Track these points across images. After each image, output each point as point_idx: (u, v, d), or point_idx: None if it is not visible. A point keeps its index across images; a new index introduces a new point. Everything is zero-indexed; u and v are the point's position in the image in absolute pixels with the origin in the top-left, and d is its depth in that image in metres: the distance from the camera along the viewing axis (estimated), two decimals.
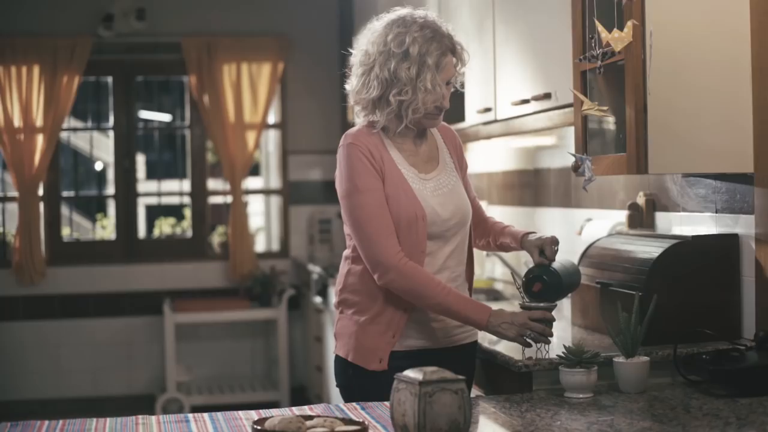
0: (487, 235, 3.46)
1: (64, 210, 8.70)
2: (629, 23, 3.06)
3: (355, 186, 3.13)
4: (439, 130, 3.35)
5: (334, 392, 5.48)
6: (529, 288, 3.19)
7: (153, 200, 9.69)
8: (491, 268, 5.53)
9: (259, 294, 7.99)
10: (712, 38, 3.17)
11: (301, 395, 8.09)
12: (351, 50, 3.27)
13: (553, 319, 3.11)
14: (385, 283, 3.10)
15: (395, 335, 3.16)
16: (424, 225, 3.13)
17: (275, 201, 8.71)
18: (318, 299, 7.16)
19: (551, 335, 3.10)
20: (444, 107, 3.18)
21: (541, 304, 3.13)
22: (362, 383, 3.18)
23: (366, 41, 3.20)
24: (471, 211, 3.28)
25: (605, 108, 3.22)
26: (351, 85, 3.23)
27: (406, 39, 3.10)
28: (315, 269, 7.39)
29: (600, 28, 3.10)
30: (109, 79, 8.34)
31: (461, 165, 3.36)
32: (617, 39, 3.06)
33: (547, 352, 3.13)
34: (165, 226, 8.93)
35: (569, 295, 3.70)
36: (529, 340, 3.09)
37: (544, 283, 3.17)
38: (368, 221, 3.10)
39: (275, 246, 8.71)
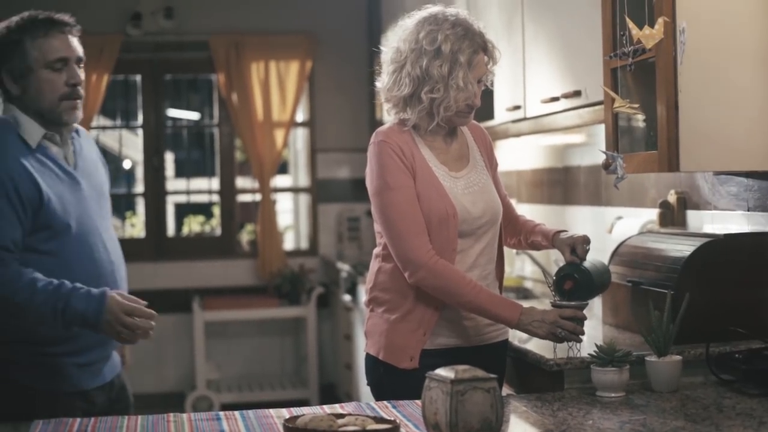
0: (517, 234, 3.44)
1: None
2: (660, 20, 3.04)
3: (386, 183, 3.12)
4: (469, 128, 3.35)
5: (364, 390, 5.47)
6: (560, 285, 3.17)
7: (182, 198, 9.70)
8: (521, 266, 5.52)
9: (288, 292, 8.00)
10: (743, 35, 3.14)
11: (330, 393, 8.09)
12: (381, 48, 3.27)
13: (585, 318, 3.09)
14: (416, 281, 3.09)
15: (426, 333, 3.16)
16: (455, 223, 3.12)
17: (304, 199, 8.72)
18: (347, 297, 7.16)
19: (582, 333, 3.08)
20: (475, 105, 3.17)
21: (573, 303, 3.11)
22: (393, 381, 3.17)
23: (397, 38, 3.19)
24: (501, 210, 3.27)
25: (636, 105, 3.21)
26: (382, 82, 3.23)
27: (438, 36, 3.09)
28: (344, 267, 7.39)
29: (631, 25, 3.09)
30: (138, 78, 8.37)
31: (491, 163, 3.35)
32: (648, 36, 3.04)
33: (579, 350, 3.12)
34: (194, 224, 8.96)
35: (600, 295, 3.68)
36: (560, 337, 3.07)
37: (576, 281, 3.15)
38: (399, 219, 3.10)
39: (304, 244, 8.72)
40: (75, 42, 3.27)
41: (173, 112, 9.14)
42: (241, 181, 8.71)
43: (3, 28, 3.23)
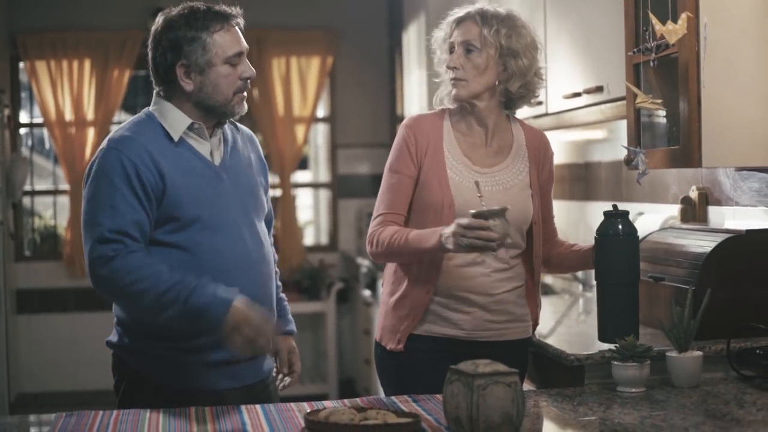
0: (554, 252, 3.40)
1: None
2: (683, 15, 3.03)
3: (389, 164, 3.27)
4: (530, 132, 3.32)
5: None
6: None
7: None
8: None
9: (308, 287, 8.02)
10: (766, 30, 3.13)
11: (349, 388, 8.11)
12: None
13: (487, 227, 2.87)
14: (371, 257, 3.31)
15: (415, 318, 3.21)
16: (451, 213, 3.12)
17: (324, 194, 8.73)
18: (367, 292, 7.17)
19: (492, 240, 2.88)
20: (457, 77, 3.19)
21: (493, 208, 2.92)
22: (385, 363, 3.33)
23: None
24: (528, 216, 3.22)
25: (659, 101, 3.20)
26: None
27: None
28: (364, 263, 7.40)
29: (654, 20, 3.08)
30: None
31: (541, 175, 3.30)
32: (671, 31, 3.04)
33: (495, 253, 3.06)
34: None
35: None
36: (466, 246, 2.93)
37: None
38: (381, 199, 3.26)
39: (324, 239, 8.73)
40: (241, 34, 3.11)
41: None
42: None
43: (173, 22, 3.13)
